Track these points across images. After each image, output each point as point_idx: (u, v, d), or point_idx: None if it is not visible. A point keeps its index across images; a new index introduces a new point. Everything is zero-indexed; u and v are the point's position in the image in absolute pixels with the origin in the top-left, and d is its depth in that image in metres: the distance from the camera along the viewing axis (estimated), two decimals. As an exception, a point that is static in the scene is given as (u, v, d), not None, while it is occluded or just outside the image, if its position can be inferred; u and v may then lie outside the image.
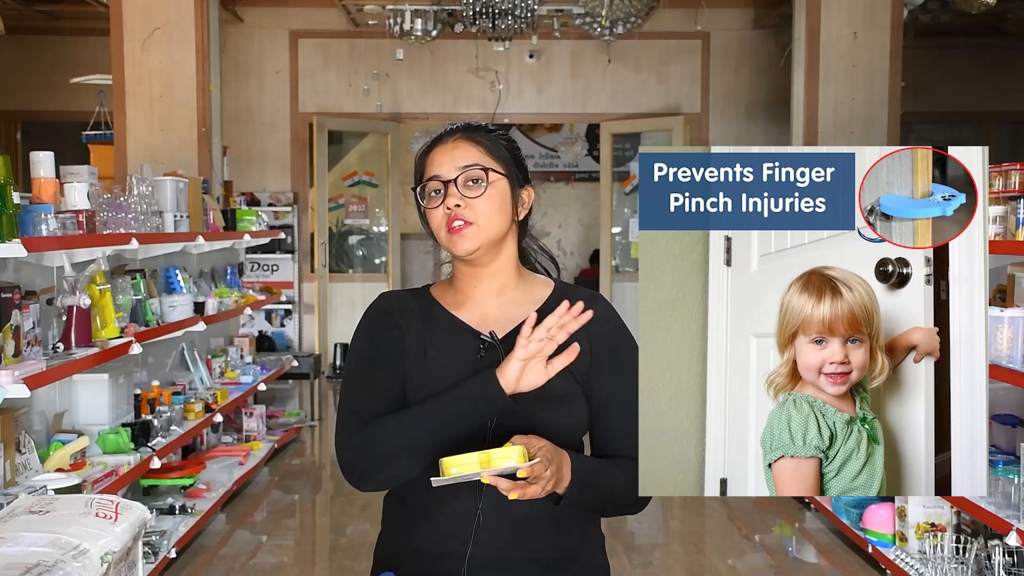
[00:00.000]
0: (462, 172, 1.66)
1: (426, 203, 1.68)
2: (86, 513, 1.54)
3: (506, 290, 1.72)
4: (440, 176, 1.66)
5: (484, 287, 1.72)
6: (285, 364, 6.80)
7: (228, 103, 8.04)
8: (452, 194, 1.65)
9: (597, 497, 1.64)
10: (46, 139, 8.45)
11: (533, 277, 1.77)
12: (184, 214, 4.93)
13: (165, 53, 6.26)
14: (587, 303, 1.71)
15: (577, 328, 1.57)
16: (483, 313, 1.71)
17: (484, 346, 1.66)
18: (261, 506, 5.43)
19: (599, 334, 1.69)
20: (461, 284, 1.74)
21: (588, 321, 1.65)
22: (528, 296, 1.73)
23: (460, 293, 1.74)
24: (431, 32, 8.38)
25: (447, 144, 1.69)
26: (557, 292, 1.74)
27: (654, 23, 8.96)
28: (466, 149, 1.68)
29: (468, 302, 1.72)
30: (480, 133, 1.71)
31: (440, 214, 1.66)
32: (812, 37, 6.48)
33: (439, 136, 1.73)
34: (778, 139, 8.97)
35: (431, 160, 1.69)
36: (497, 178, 1.67)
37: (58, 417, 3.94)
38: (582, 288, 1.79)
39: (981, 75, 9.64)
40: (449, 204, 1.65)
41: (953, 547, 3.77)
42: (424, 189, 1.69)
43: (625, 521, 4.99)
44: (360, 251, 10.18)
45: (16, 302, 3.13)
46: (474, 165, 1.66)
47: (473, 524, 1.61)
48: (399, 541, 1.70)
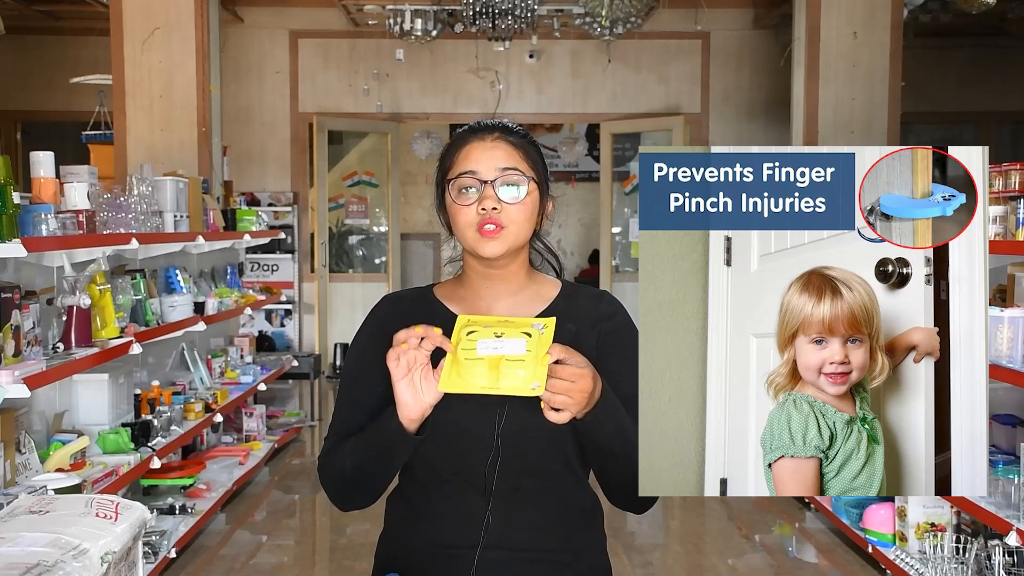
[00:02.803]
0: (502, 175, 1.61)
1: (457, 199, 1.62)
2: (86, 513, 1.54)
3: (517, 292, 1.71)
4: (478, 174, 1.61)
5: (496, 289, 1.70)
6: (285, 364, 6.80)
7: (228, 103, 8.04)
8: (489, 196, 1.60)
9: (616, 427, 1.56)
10: (46, 139, 8.47)
11: (541, 277, 1.76)
12: (184, 214, 4.93)
13: (165, 53, 6.26)
14: (593, 300, 1.72)
15: None
16: (490, 312, 1.69)
17: None
18: (261, 506, 5.43)
19: (606, 328, 1.69)
20: (472, 284, 1.70)
21: (594, 319, 1.66)
22: (537, 296, 1.72)
23: (469, 293, 1.71)
24: (431, 32, 8.38)
25: (486, 141, 1.64)
26: (564, 291, 1.74)
27: (654, 23, 8.96)
28: (506, 151, 1.63)
29: (478, 303, 1.70)
30: (518, 136, 1.67)
31: (471, 213, 1.61)
32: (812, 37, 6.48)
33: (474, 129, 1.67)
34: (778, 139, 8.97)
35: (466, 154, 1.64)
36: (532, 186, 1.64)
37: (58, 417, 3.94)
38: (588, 286, 1.78)
39: (981, 75, 9.63)
40: (485, 206, 1.60)
41: (953, 547, 3.77)
42: (455, 184, 1.63)
43: (625, 521, 4.99)
44: (360, 251, 10.18)
45: (16, 302, 3.13)
46: (514, 169, 1.62)
47: (482, 526, 1.61)
48: (403, 542, 1.69)
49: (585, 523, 1.70)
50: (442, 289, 1.76)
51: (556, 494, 1.65)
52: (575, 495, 1.68)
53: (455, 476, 1.62)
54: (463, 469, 1.61)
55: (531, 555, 1.63)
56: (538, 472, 1.62)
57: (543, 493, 1.63)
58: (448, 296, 1.73)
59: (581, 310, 1.70)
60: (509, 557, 1.62)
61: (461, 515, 1.62)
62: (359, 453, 1.61)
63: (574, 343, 1.61)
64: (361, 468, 1.61)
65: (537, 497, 1.63)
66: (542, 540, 1.64)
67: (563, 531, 1.65)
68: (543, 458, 1.60)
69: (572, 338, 1.64)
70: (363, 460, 1.60)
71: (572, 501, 1.67)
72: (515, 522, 1.61)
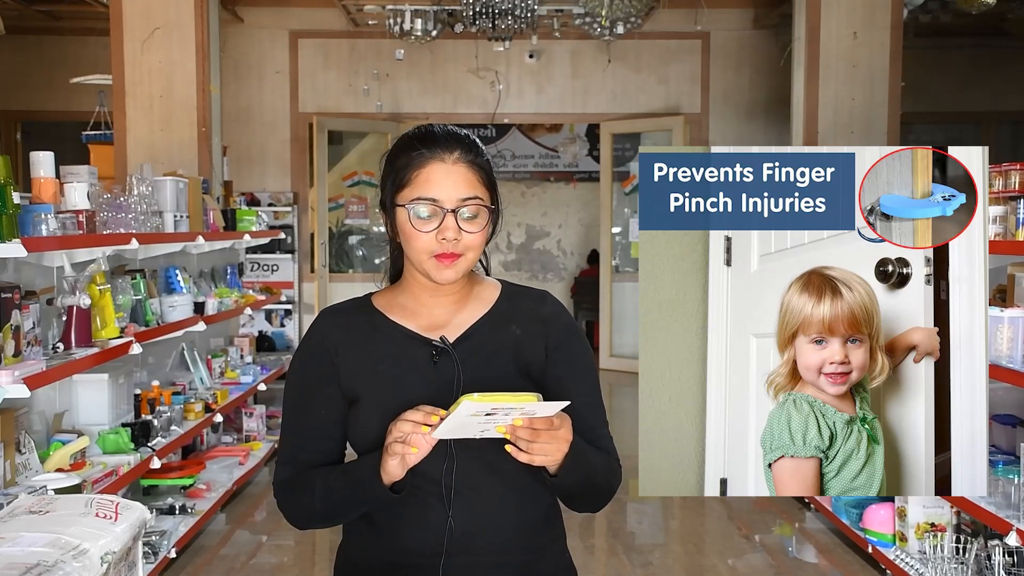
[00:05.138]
0: (463, 204, 1.58)
1: (415, 223, 1.57)
2: (86, 513, 1.54)
3: (460, 299, 1.68)
4: (439, 202, 1.57)
5: (441, 300, 1.67)
6: (285, 364, 6.80)
7: (228, 103, 8.04)
8: (449, 226, 1.56)
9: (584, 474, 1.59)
10: (46, 139, 8.47)
11: (481, 280, 1.73)
12: (184, 214, 4.93)
13: (165, 53, 6.26)
14: (536, 302, 1.71)
15: None
16: (433, 320, 1.67)
17: (436, 352, 1.63)
18: (261, 506, 5.43)
19: (551, 333, 1.67)
20: (415, 293, 1.68)
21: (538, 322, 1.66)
22: (479, 300, 1.70)
23: (411, 301, 1.68)
24: (431, 32, 8.38)
25: (447, 163, 1.59)
26: (505, 294, 1.72)
27: (654, 23, 8.96)
28: (467, 176, 1.59)
29: (420, 310, 1.67)
30: (477, 155, 1.62)
31: (430, 240, 1.57)
32: (812, 37, 6.48)
33: (431, 142, 1.60)
34: (778, 139, 8.97)
35: (426, 176, 1.58)
36: (488, 212, 1.61)
37: (58, 417, 3.94)
38: (529, 288, 1.76)
39: (981, 75, 9.63)
40: (447, 236, 1.56)
41: (953, 547, 3.77)
42: (414, 207, 1.58)
43: (625, 521, 4.99)
44: (360, 251, 10.18)
45: (16, 302, 3.13)
46: (475, 199, 1.59)
47: (444, 533, 1.59)
48: (364, 553, 1.67)
49: (547, 520, 1.69)
50: (381, 298, 1.72)
51: (516, 493, 1.63)
52: (534, 492, 1.65)
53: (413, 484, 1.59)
54: (420, 476, 1.58)
55: (496, 558, 1.62)
56: (497, 471, 1.60)
57: (504, 494, 1.62)
58: (388, 306, 1.70)
59: (524, 312, 1.69)
60: (474, 563, 1.60)
61: (422, 523, 1.60)
62: (331, 500, 1.61)
63: (520, 345, 1.63)
64: (333, 512, 1.64)
65: (498, 498, 1.61)
66: (506, 542, 1.62)
67: (526, 530, 1.64)
68: (500, 456, 1.54)
69: (517, 340, 1.65)
70: (335, 506, 1.62)
71: (532, 498, 1.65)
72: (478, 526, 1.60)
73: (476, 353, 1.64)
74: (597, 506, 1.69)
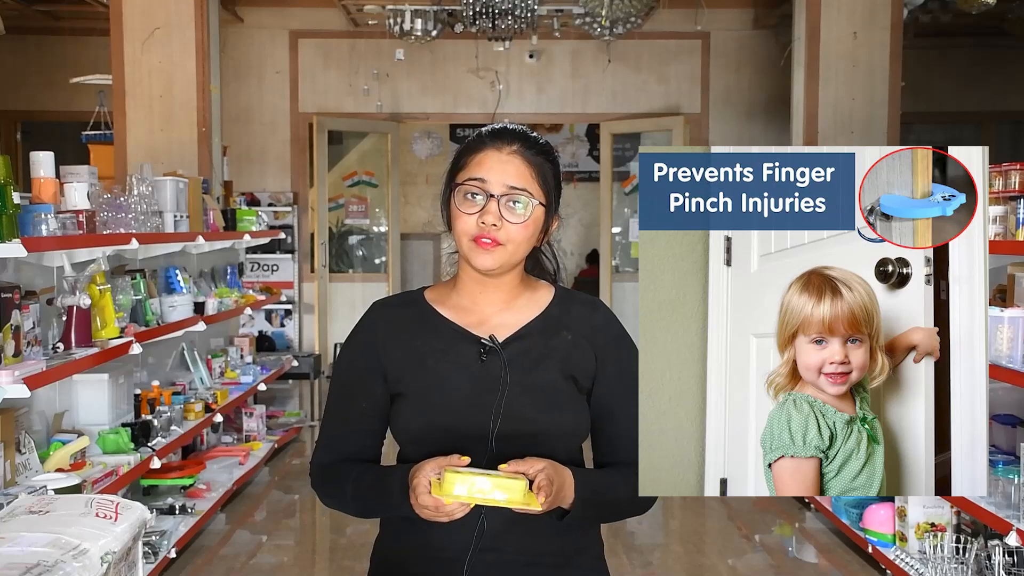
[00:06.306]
0: (509, 192, 1.60)
1: (461, 205, 1.61)
2: (86, 513, 1.54)
3: (511, 299, 1.69)
4: (486, 184, 1.60)
5: (490, 296, 1.68)
6: (285, 364, 6.80)
7: (228, 103, 8.03)
8: (491, 211, 1.59)
9: (602, 510, 1.65)
10: (46, 139, 8.48)
11: (536, 283, 1.74)
12: (184, 214, 4.93)
13: (165, 53, 6.26)
14: (587, 309, 1.71)
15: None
16: (483, 318, 1.68)
17: (485, 351, 1.63)
18: (261, 506, 5.43)
19: (603, 343, 1.68)
20: (466, 288, 1.69)
21: (589, 330, 1.66)
22: (531, 302, 1.70)
23: (463, 297, 1.69)
24: (431, 32, 8.38)
25: (502, 152, 1.62)
26: (558, 298, 1.72)
27: (654, 23, 8.96)
28: (519, 167, 1.61)
29: (471, 307, 1.69)
30: (536, 151, 1.64)
31: (471, 222, 1.60)
32: (812, 37, 6.48)
33: (494, 135, 1.64)
34: (778, 139, 8.96)
35: (479, 161, 1.62)
36: (538, 207, 1.62)
37: (58, 417, 3.94)
38: (582, 294, 1.77)
39: (981, 75, 9.63)
40: (486, 220, 1.58)
41: (953, 547, 3.77)
42: (461, 188, 1.61)
43: (625, 521, 4.99)
44: (360, 251, 10.18)
45: (16, 302, 3.13)
46: (523, 190, 1.60)
47: (476, 529, 1.60)
48: (399, 545, 1.69)
49: (583, 526, 1.68)
50: (434, 293, 1.73)
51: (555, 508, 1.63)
52: None
53: None
54: None
55: (526, 559, 1.62)
56: None
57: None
58: (440, 301, 1.71)
59: (576, 319, 1.69)
60: (504, 560, 1.61)
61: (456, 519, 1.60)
62: (361, 501, 1.66)
63: (570, 352, 1.63)
64: (361, 511, 1.71)
65: None
66: (537, 544, 1.63)
67: (559, 534, 1.64)
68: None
69: (567, 347, 1.65)
70: (364, 507, 1.68)
71: None
72: (510, 525, 1.60)
73: (525, 355, 1.64)
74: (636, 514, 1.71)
